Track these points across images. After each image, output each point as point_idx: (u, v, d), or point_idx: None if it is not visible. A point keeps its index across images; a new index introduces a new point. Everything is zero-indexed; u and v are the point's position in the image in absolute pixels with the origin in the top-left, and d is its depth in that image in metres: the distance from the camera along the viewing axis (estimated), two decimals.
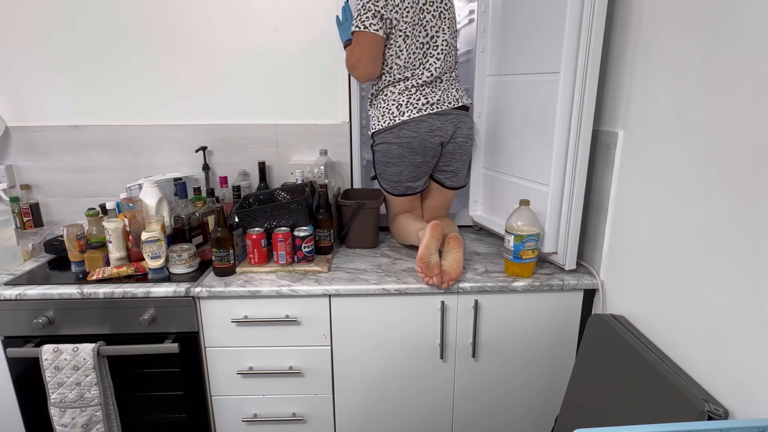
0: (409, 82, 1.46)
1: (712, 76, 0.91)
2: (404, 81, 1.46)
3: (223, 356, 1.35)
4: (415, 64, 1.45)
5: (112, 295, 1.26)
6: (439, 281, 1.26)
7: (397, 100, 1.46)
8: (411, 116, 1.43)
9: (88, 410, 1.28)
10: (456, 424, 1.44)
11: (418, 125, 1.44)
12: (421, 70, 1.46)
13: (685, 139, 0.98)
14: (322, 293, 1.29)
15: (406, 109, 1.44)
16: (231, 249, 1.34)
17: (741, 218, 0.84)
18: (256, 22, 1.69)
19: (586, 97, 1.22)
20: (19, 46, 1.69)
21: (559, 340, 1.37)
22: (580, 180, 1.28)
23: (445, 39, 1.48)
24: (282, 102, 1.76)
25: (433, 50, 1.46)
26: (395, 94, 1.47)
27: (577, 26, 1.17)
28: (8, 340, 1.30)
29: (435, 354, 1.36)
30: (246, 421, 1.40)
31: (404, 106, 1.45)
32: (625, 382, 1.06)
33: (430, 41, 1.46)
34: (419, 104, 1.45)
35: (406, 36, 1.43)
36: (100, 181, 1.81)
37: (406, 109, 1.44)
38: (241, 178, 1.76)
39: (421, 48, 1.45)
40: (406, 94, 1.46)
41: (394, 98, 1.46)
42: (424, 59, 1.46)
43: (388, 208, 1.62)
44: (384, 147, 1.49)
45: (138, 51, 1.70)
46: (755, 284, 0.81)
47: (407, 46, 1.43)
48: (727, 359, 0.88)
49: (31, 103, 1.74)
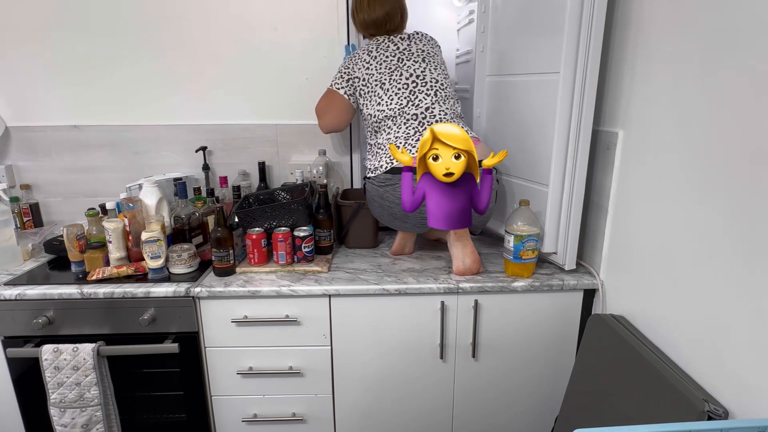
0: (399, 119, 1.40)
1: (712, 76, 0.91)
2: (392, 119, 1.41)
3: (223, 356, 1.35)
4: (402, 103, 1.41)
5: (112, 295, 1.26)
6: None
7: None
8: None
9: (88, 410, 1.28)
10: (456, 424, 1.44)
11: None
12: (409, 107, 1.40)
13: (685, 139, 0.98)
14: (322, 293, 1.29)
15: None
16: (231, 249, 1.34)
17: (741, 218, 0.84)
18: (256, 22, 1.69)
19: (586, 97, 1.21)
20: (19, 46, 1.69)
21: (559, 340, 1.37)
22: (580, 180, 1.28)
23: (434, 77, 1.43)
24: (282, 102, 1.76)
25: (422, 87, 1.41)
26: (392, 140, 1.39)
27: (577, 26, 1.17)
28: (8, 340, 1.30)
29: (435, 354, 1.36)
30: (246, 421, 1.40)
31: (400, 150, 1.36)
32: (625, 382, 1.06)
33: (416, 79, 1.42)
34: (414, 151, 1.36)
35: (382, 83, 1.42)
36: (100, 181, 1.81)
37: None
38: (241, 178, 1.76)
39: (406, 87, 1.41)
40: (403, 137, 1.38)
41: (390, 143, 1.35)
42: (412, 96, 1.41)
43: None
44: (374, 193, 1.42)
45: (138, 51, 1.70)
46: (755, 284, 0.81)
47: (385, 90, 1.42)
48: (727, 359, 0.88)
49: (31, 103, 1.74)
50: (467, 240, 1.35)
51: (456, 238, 1.34)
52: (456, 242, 1.34)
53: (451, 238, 1.35)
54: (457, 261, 1.34)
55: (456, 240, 1.34)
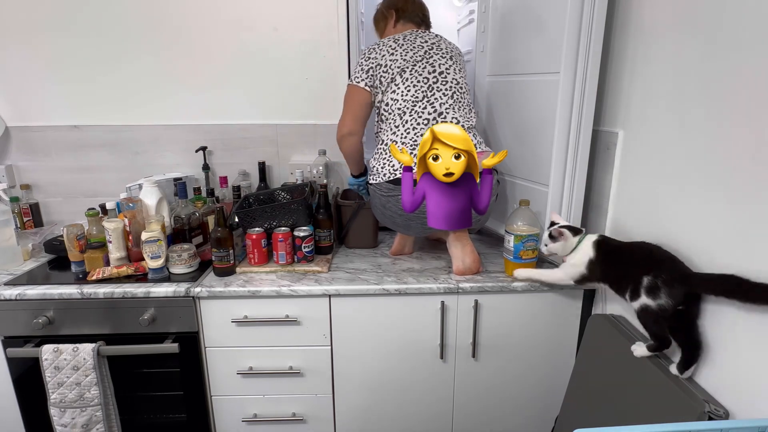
0: (407, 116, 1.36)
1: (712, 76, 0.91)
2: (401, 114, 1.37)
3: (223, 356, 1.35)
4: (417, 97, 1.36)
5: (112, 295, 1.26)
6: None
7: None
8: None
9: (88, 410, 1.28)
10: (456, 423, 1.44)
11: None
12: (423, 103, 1.36)
13: (685, 139, 0.98)
14: (322, 293, 1.29)
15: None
16: (231, 249, 1.34)
17: (740, 218, 0.84)
18: (256, 22, 1.69)
19: (586, 97, 1.22)
20: (19, 46, 1.69)
21: (559, 340, 1.37)
22: (580, 180, 1.28)
23: (455, 78, 1.40)
24: (282, 102, 1.76)
25: (442, 85, 1.37)
26: (396, 144, 1.35)
27: (577, 26, 1.17)
28: (8, 340, 1.30)
29: (435, 354, 1.36)
30: (246, 421, 1.40)
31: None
32: (625, 382, 1.06)
33: (438, 76, 1.38)
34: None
35: (402, 71, 1.37)
36: (100, 181, 1.81)
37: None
38: (241, 178, 1.76)
39: (426, 81, 1.37)
40: (411, 144, 1.35)
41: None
42: (429, 92, 1.37)
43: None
44: (376, 200, 1.41)
45: (138, 51, 1.70)
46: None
47: (404, 79, 1.37)
48: (727, 360, 0.88)
49: (31, 103, 1.74)
50: (467, 240, 1.35)
51: (455, 238, 1.34)
52: (455, 242, 1.34)
53: (450, 238, 1.35)
54: (457, 261, 1.34)
55: (455, 240, 1.34)
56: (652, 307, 0.94)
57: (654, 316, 0.95)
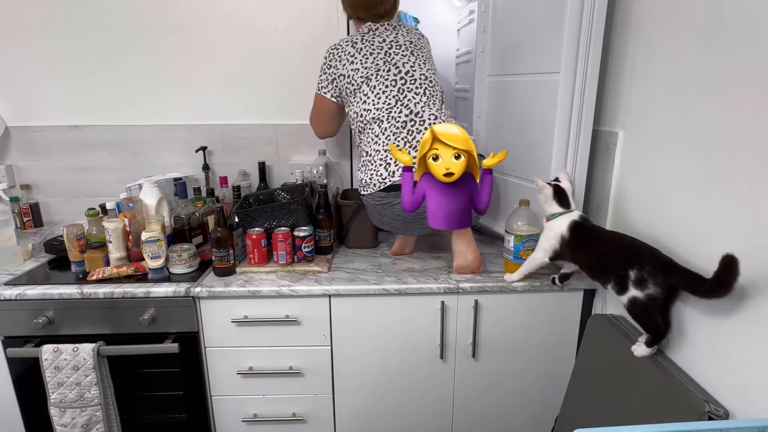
0: (385, 123, 1.35)
1: (712, 76, 0.91)
2: (378, 122, 1.36)
3: (223, 356, 1.35)
4: (390, 103, 1.35)
5: (112, 295, 1.26)
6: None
7: (384, 159, 1.34)
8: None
9: (88, 410, 1.28)
10: (456, 423, 1.44)
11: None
12: (398, 107, 1.35)
13: (685, 139, 0.98)
14: (322, 293, 1.29)
15: (396, 168, 1.32)
16: (231, 249, 1.34)
17: (740, 218, 0.84)
18: (257, 22, 1.69)
19: (586, 97, 1.22)
20: (19, 46, 1.69)
21: (559, 340, 1.37)
22: (580, 180, 1.28)
23: (423, 73, 1.38)
24: (282, 102, 1.76)
25: (411, 84, 1.36)
26: (380, 153, 1.35)
27: (577, 26, 1.17)
28: (8, 340, 1.30)
29: (435, 354, 1.36)
30: (246, 421, 1.40)
31: (393, 165, 1.33)
32: (625, 382, 1.06)
33: (405, 76, 1.36)
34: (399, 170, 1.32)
35: (368, 79, 1.36)
36: (100, 181, 1.81)
37: (396, 168, 1.32)
38: (241, 178, 1.76)
39: (394, 85, 1.36)
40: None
41: (380, 157, 1.34)
42: (401, 95, 1.35)
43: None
44: (372, 209, 1.42)
45: (138, 51, 1.70)
46: (755, 284, 0.81)
47: (371, 88, 1.36)
48: (727, 360, 0.88)
49: (31, 103, 1.74)
50: (470, 237, 1.35)
51: (459, 234, 1.34)
52: (459, 239, 1.34)
53: (453, 234, 1.35)
54: (459, 257, 1.34)
55: (459, 236, 1.34)
56: (641, 298, 0.97)
57: (643, 306, 0.97)
